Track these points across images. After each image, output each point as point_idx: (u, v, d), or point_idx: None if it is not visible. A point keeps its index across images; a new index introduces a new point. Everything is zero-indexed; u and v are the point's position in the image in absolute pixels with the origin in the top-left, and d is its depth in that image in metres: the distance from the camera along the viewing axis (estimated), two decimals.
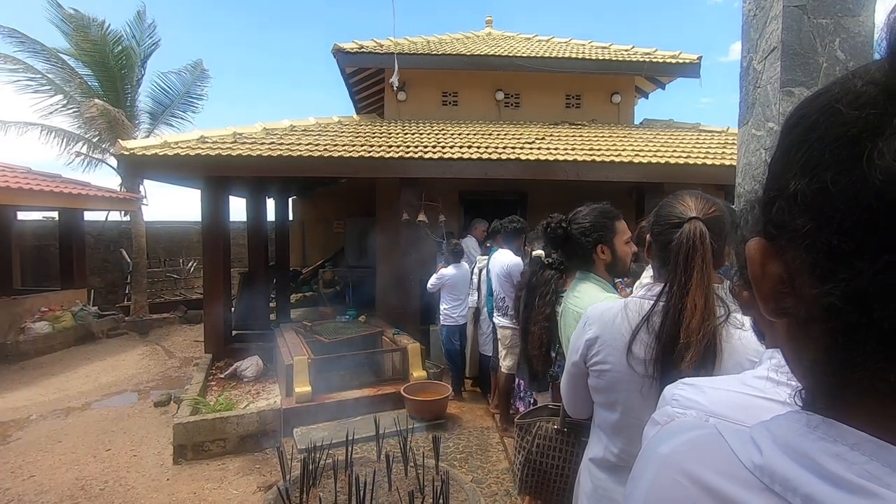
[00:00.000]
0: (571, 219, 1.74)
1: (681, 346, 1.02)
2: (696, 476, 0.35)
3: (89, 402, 5.43)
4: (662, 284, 1.12)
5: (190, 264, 11.76)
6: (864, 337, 0.29)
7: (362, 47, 7.57)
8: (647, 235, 1.25)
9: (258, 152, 5.46)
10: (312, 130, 6.65)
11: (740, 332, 1.06)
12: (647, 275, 2.39)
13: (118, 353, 7.51)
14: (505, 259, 4.08)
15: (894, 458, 0.27)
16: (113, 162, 10.26)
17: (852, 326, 0.29)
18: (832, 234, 0.29)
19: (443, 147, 5.88)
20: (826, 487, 0.28)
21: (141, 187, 10.01)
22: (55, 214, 9.70)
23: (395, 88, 6.80)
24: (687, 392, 0.72)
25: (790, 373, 0.37)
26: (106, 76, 9.72)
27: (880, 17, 2.21)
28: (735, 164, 2.48)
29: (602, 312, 1.26)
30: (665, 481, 0.38)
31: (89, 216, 9.82)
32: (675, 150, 6.13)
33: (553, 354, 2.39)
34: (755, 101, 2.21)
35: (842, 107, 0.30)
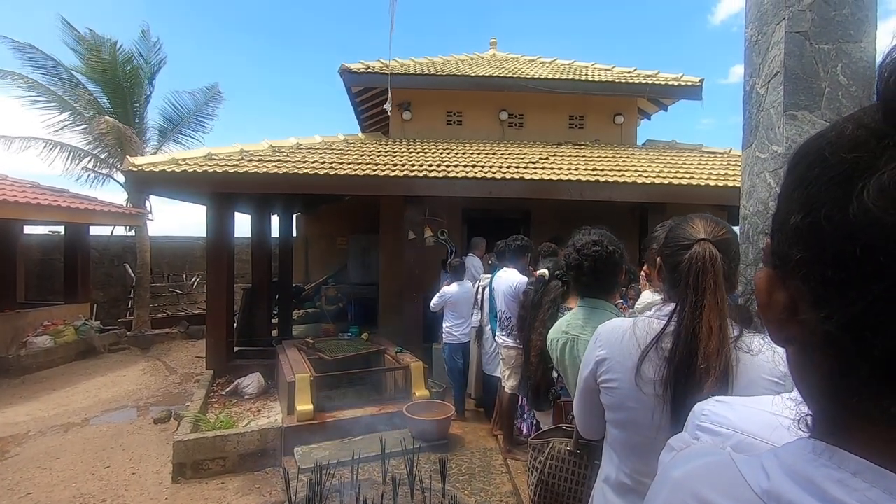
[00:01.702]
0: (601, 242, 1.72)
1: (700, 370, 1.01)
2: (705, 499, 0.36)
3: (89, 418, 5.39)
4: (672, 305, 1.12)
5: (193, 280, 11.78)
6: (858, 364, 0.31)
7: (368, 67, 7.69)
8: (658, 258, 1.26)
9: (265, 169, 5.51)
10: (318, 148, 6.72)
11: (750, 353, 1.05)
12: (645, 297, 2.39)
13: (119, 369, 7.48)
14: (513, 278, 4.07)
15: (892, 485, 0.28)
16: (120, 177, 10.37)
17: (847, 353, 0.31)
18: (826, 265, 0.31)
19: (447, 166, 5.93)
20: None
21: (147, 203, 10.11)
22: (61, 228, 9.78)
23: (388, 111, 6.90)
24: (718, 408, 0.72)
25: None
26: (115, 94, 9.90)
27: (882, 44, 2.25)
28: (738, 185, 2.49)
29: (611, 330, 1.27)
30: (675, 502, 0.39)
31: (94, 231, 9.89)
32: (677, 171, 6.17)
33: (555, 374, 2.36)
34: (758, 124, 2.23)
35: (834, 149, 0.32)
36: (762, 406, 0.69)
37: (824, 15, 2.12)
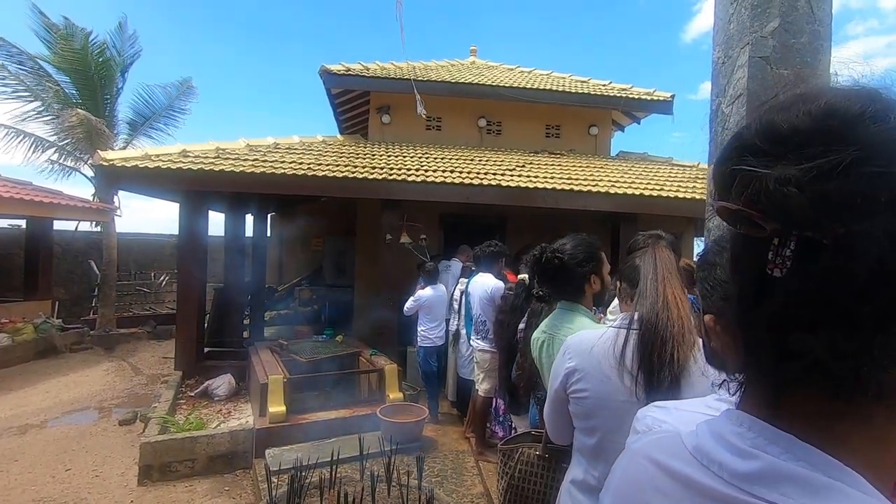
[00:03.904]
0: (563, 249, 1.74)
1: (668, 341, 1.11)
2: (654, 458, 0.47)
3: (48, 420, 5.21)
4: (632, 313, 1.23)
5: (162, 278, 11.47)
6: (746, 355, 0.42)
7: (349, 70, 7.69)
8: (617, 281, 1.39)
9: (241, 168, 5.45)
10: (296, 149, 6.68)
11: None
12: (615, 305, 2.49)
13: (81, 369, 7.24)
14: (488, 282, 4.14)
15: (771, 434, 0.39)
16: (87, 171, 10.06)
17: (745, 347, 0.42)
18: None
19: (426, 170, 5.98)
20: (729, 455, 0.40)
21: (115, 198, 9.82)
22: (22, 222, 9.41)
23: (423, 116, 6.74)
24: (657, 413, 0.81)
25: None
26: (86, 85, 9.59)
27: (834, 69, 2.42)
28: (705, 198, 2.63)
29: (580, 342, 1.34)
30: (633, 466, 0.50)
31: (58, 225, 9.56)
32: (649, 183, 6.37)
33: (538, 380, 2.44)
34: (724, 141, 2.36)
35: None
36: (694, 408, 0.80)
37: (785, 42, 2.26)
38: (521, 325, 2.72)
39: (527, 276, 2.79)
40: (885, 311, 0.34)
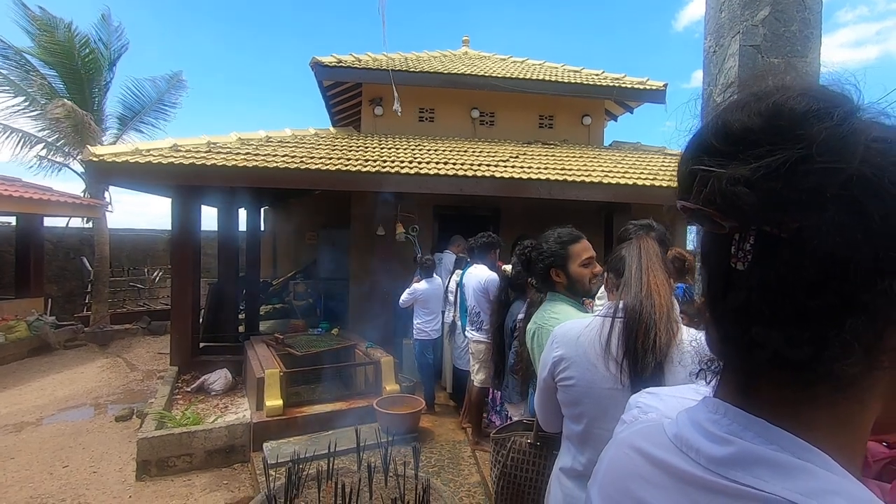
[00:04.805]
0: (537, 246, 1.80)
1: (651, 326, 1.13)
2: (638, 447, 0.49)
3: (44, 417, 5.20)
4: (616, 301, 1.25)
5: (155, 274, 11.41)
6: (719, 345, 0.44)
7: (340, 61, 7.62)
8: (605, 274, 1.42)
9: (233, 162, 5.41)
10: (289, 142, 6.63)
11: (690, 343, 1.17)
12: (603, 292, 2.53)
13: (76, 366, 7.21)
14: (481, 274, 4.15)
15: (744, 420, 0.41)
16: (76, 166, 9.98)
17: (718, 337, 0.44)
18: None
19: (419, 162, 5.96)
20: (705, 441, 0.42)
21: (106, 193, 9.73)
22: (12, 219, 9.33)
23: (399, 113, 6.75)
24: (648, 399, 0.82)
25: None
26: (72, 78, 9.47)
27: (825, 58, 2.42)
28: None
29: (566, 331, 1.36)
30: (619, 455, 0.52)
31: (49, 222, 9.49)
32: (642, 172, 6.38)
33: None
34: None
35: None
36: (685, 394, 0.81)
37: (775, 31, 2.27)
38: (521, 315, 2.75)
39: (510, 267, 2.83)
40: (839, 305, 0.35)
